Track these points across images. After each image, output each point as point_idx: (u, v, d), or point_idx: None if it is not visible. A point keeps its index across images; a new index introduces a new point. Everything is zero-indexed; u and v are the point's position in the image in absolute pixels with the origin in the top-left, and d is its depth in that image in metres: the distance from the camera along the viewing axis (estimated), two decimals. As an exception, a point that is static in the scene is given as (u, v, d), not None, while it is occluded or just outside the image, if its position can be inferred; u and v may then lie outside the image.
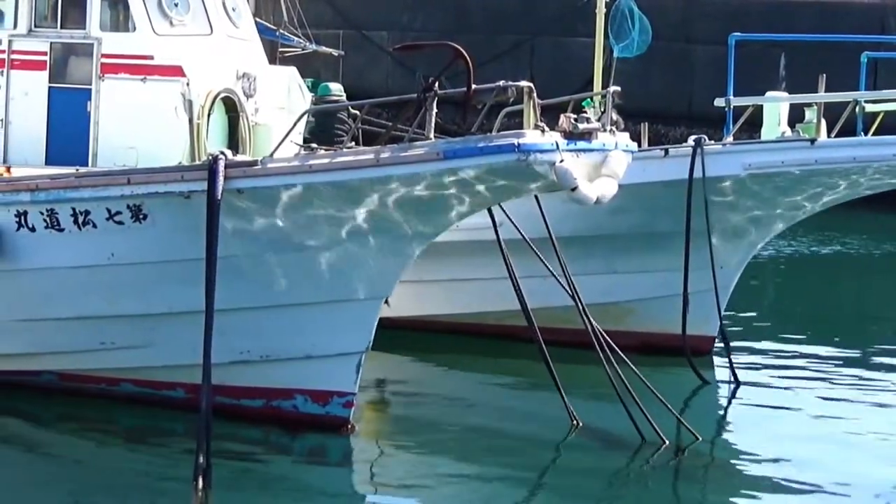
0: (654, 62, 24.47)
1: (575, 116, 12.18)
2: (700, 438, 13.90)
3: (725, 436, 15.08)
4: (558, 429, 14.13)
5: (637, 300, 17.69)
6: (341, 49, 25.75)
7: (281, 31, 23.50)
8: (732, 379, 16.65)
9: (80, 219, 12.94)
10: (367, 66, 37.28)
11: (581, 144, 12.15)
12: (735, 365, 16.92)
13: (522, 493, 12.65)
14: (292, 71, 17.92)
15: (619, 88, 13.34)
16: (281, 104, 17.51)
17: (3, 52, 16.76)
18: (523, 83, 12.06)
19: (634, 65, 20.72)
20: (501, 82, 12.12)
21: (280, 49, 22.67)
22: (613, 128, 12.73)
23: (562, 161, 11.83)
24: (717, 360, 17.55)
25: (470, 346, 17.80)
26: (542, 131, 11.84)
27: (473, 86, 11.98)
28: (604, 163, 12.47)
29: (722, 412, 16.03)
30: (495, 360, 17.39)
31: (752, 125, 18.57)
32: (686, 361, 16.58)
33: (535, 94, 12.00)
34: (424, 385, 16.44)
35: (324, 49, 24.55)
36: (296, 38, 23.87)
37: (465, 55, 11.83)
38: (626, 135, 12.95)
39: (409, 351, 17.12)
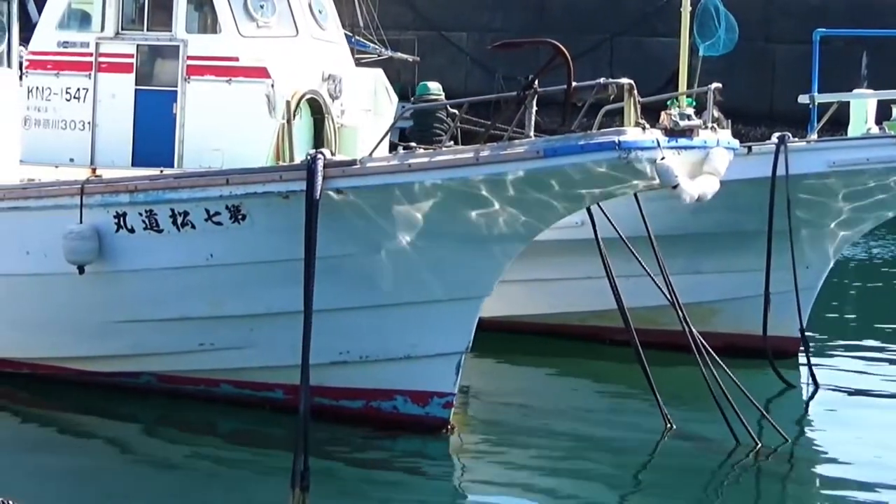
0: (734, 61, 24.32)
1: (676, 113, 12.09)
2: (788, 440, 13.80)
3: (810, 438, 14.90)
4: (651, 430, 14.03)
5: (723, 300, 17.53)
6: (420, 50, 25.75)
7: (357, 37, 23.47)
8: (812, 381, 16.46)
9: (179, 220, 12.92)
10: (446, 67, 37.21)
11: (682, 142, 12.07)
12: (820, 366, 16.78)
13: (620, 492, 12.55)
14: (378, 73, 17.87)
15: (720, 85, 13.21)
16: (367, 106, 17.45)
17: (90, 54, 16.85)
18: (624, 80, 11.96)
19: (715, 63, 20.55)
20: (602, 79, 12.02)
21: (356, 55, 22.66)
22: (715, 125, 12.63)
23: (663, 158, 11.74)
24: (803, 360, 17.35)
25: (554, 347, 17.72)
26: (643, 128, 11.74)
27: (574, 83, 11.90)
28: (705, 160, 12.38)
29: (801, 415, 15.84)
30: (580, 361, 17.31)
31: (833, 124, 18.40)
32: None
33: (635, 92, 11.90)
34: (514, 386, 16.33)
35: (399, 55, 24.54)
36: (371, 45, 23.83)
37: (566, 52, 11.72)
38: (728, 132, 12.86)
39: (493, 352, 16.98)
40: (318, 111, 16.79)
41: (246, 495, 11.93)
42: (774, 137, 16.67)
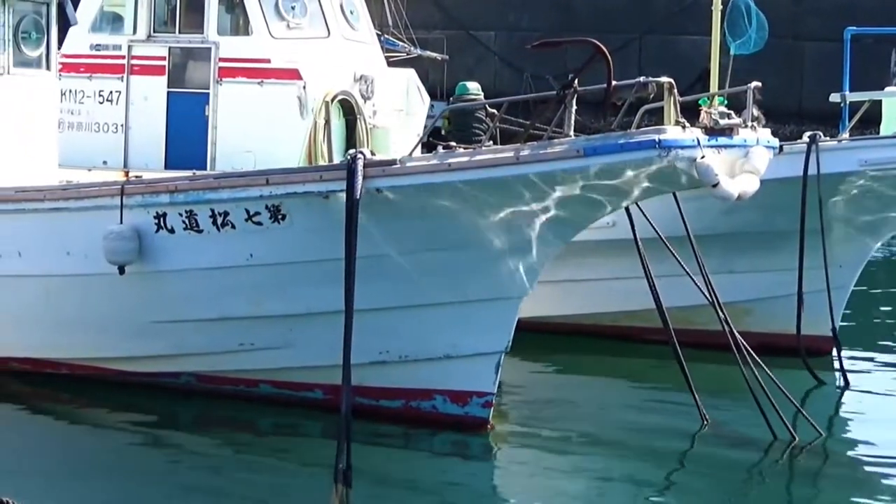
0: (763, 59, 24.31)
1: (716, 112, 12.09)
2: (823, 435, 13.82)
3: (844, 434, 14.92)
4: (688, 426, 14.02)
5: (756, 300, 17.50)
6: (448, 49, 25.81)
7: (386, 36, 23.56)
8: (843, 380, 16.43)
9: (219, 220, 12.91)
10: (475, 67, 37.19)
11: (722, 140, 12.05)
12: (854, 366, 16.73)
13: (658, 486, 12.57)
14: (410, 73, 17.94)
15: (759, 84, 13.21)
16: (399, 106, 17.51)
17: (122, 57, 16.95)
18: (664, 78, 11.96)
19: (743, 62, 20.54)
20: (642, 78, 12.02)
21: (385, 54, 22.75)
22: (755, 123, 12.62)
23: (703, 157, 11.72)
24: (836, 360, 17.34)
25: (586, 347, 17.69)
26: (683, 127, 11.73)
27: (613, 82, 11.89)
28: (745, 159, 12.36)
29: (835, 412, 15.81)
30: (613, 360, 17.29)
31: (863, 122, 18.38)
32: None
33: (675, 90, 11.90)
34: (550, 384, 16.38)
35: (428, 54, 24.62)
36: (400, 43, 23.92)
37: (605, 51, 11.71)
38: (768, 131, 12.85)
39: (526, 352, 16.92)
40: (350, 112, 16.85)
41: (289, 493, 11.92)
42: (805, 136, 16.63)
